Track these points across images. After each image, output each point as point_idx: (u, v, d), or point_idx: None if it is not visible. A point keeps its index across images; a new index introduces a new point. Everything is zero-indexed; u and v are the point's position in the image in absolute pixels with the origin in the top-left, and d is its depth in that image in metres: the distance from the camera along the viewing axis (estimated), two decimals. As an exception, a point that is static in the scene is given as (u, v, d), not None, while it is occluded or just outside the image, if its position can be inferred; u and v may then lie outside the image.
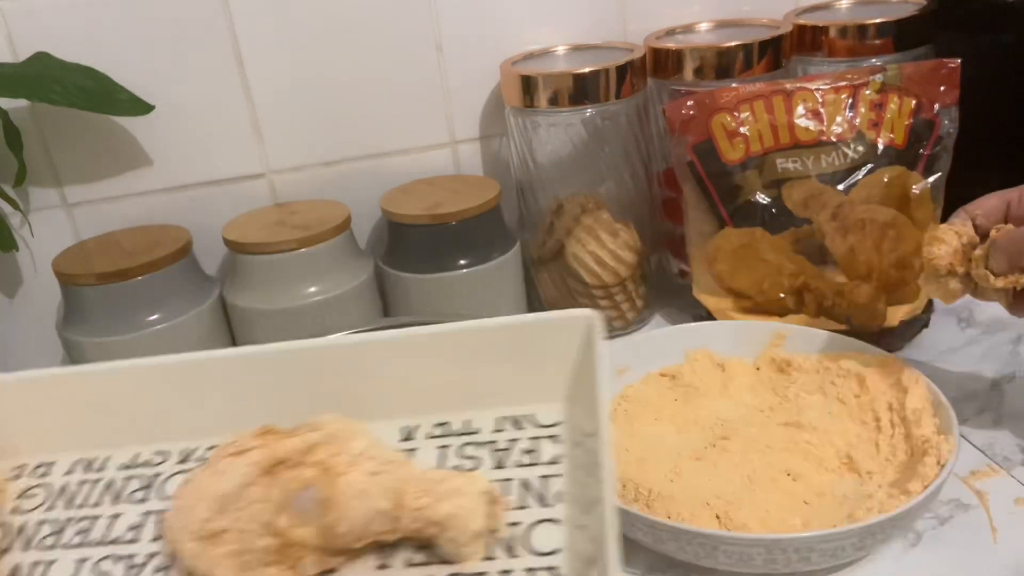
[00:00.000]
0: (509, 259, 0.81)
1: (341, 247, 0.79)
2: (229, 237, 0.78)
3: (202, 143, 0.82)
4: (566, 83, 0.76)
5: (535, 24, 0.86)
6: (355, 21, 0.82)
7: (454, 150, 0.89)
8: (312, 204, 0.84)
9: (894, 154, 0.73)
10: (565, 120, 0.79)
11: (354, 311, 0.79)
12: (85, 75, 0.74)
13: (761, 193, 0.74)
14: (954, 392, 0.68)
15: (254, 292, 0.77)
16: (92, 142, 0.80)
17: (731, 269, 0.76)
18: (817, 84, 0.74)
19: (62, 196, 0.82)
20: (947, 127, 0.73)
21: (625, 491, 0.58)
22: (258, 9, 0.80)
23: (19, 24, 0.76)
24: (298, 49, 0.82)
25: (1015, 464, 0.62)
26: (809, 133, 0.74)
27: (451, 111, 0.87)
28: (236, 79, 0.81)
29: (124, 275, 0.73)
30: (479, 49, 0.85)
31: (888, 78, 0.73)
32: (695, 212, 0.77)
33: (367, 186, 0.86)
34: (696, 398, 0.69)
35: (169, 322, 0.75)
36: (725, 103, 0.74)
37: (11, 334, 0.85)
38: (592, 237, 0.81)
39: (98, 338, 0.74)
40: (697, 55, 0.78)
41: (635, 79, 0.79)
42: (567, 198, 0.82)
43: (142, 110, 0.75)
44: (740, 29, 0.84)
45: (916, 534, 0.57)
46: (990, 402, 0.69)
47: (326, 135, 0.85)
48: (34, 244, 0.82)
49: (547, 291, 0.86)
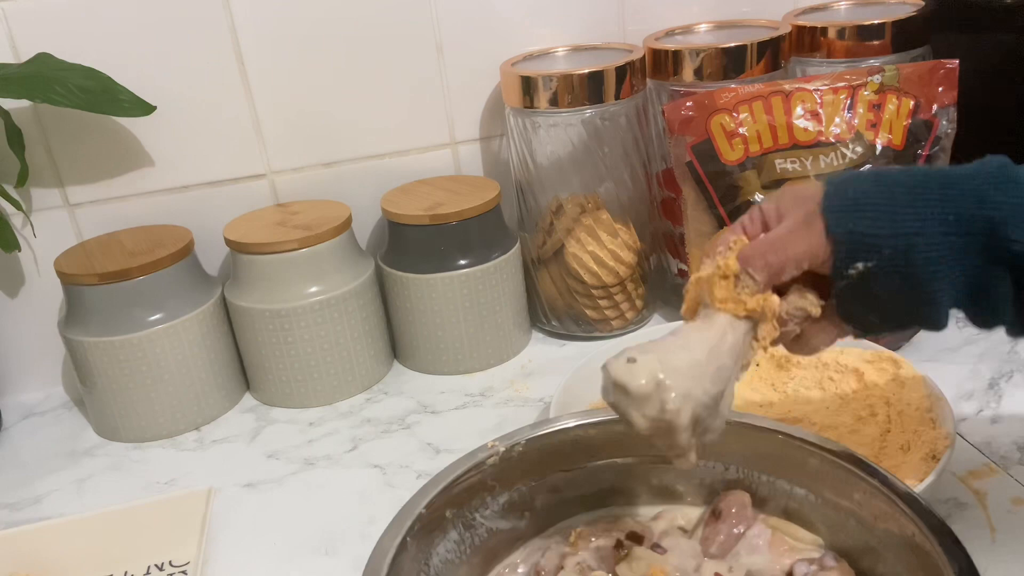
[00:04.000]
0: (509, 259, 0.82)
1: (342, 247, 0.79)
2: (230, 237, 0.78)
3: (203, 144, 0.83)
4: (566, 84, 0.77)
5: (535, 25, 0.86)
6: (356, 22, 0.82)
7: (454, 150, 0.89)
8: (313, 204, 0.84)
9: (892, 154, 0.73)
10: (565, 120, 0.79)
11: (355, 311, 0.79)
12: (87, 76, 0.74)
13: (760, 193, 0.74)
14: (952, 391, 0.68)
15: (255, 292, 0.78)
16: (94, 143, 0.81)
17: (730, 269, 0.76)
18: (816, 85, 0.74)
19: (64, 196, 0.82)
20: (945, 127, 0.73)
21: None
22: (259, 10, 0.80)
23: (21, 25, 0.76)
24: (299, 50, 0.82)
25: (1013, 463, 0.62)
26: (808, 134, 0.74)
27: (451, 111, 0.87)
28: (237, 80, 0.82)
29: (126, 275, 0.74)
30: (479, 49, 0.85)
31: (886, 79, 0.74)
32: (694, 212, 0.77)
33: (367, 186, 0.86)
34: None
35: (170, 322, 0.75)
36: (724, 104, 0.74)
37: (13, 334, 0.85)
38: (592, 237, 0.81)
39: (100, 337, 0.74)
40: (696, 56, 0.79)
41: (634, 80, 0.79)
42: (567, 198, 0.83)
43: (144, 111, 0.75)
44: (739, 30, 0.85)
45: (914, 532, 0.57)
46: (988, 401, 0.70)
47: (327, 136, 0.85)
48: (36, 244, 0.82)
49: (547, 291, 0.86)
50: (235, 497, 0.69)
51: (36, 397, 0.87)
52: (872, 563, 0.44)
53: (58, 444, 0.80)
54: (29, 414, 0.85)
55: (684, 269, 0.84)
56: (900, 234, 0.42)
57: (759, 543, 0.48)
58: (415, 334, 0.83)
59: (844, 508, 0.45)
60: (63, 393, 0.87)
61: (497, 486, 0.51)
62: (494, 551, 0.51)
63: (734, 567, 0.47)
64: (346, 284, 0.78)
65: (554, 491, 0.53)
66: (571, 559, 0.48)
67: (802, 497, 0.48)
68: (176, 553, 0.63)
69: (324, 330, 0.78)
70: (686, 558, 0.47)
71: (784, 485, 0.48)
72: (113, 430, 0.79)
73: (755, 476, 0.50)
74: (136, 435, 0.78)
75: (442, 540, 0.48)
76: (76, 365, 0.77)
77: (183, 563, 0.62)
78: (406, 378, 0.84)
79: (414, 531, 0.46)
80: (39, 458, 0.78)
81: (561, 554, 0.49)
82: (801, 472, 0.47)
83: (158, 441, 0.78)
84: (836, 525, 0.47)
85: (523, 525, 0.52)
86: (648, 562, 0.46)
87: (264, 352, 0.79)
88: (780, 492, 0.49)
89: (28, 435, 0.82)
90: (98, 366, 0.75)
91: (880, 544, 0.44)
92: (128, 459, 0.76)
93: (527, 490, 0.52)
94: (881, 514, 0.43)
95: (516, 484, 0.52)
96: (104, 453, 0.78)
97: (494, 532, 0.51)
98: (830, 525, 0.47)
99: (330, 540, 0.63)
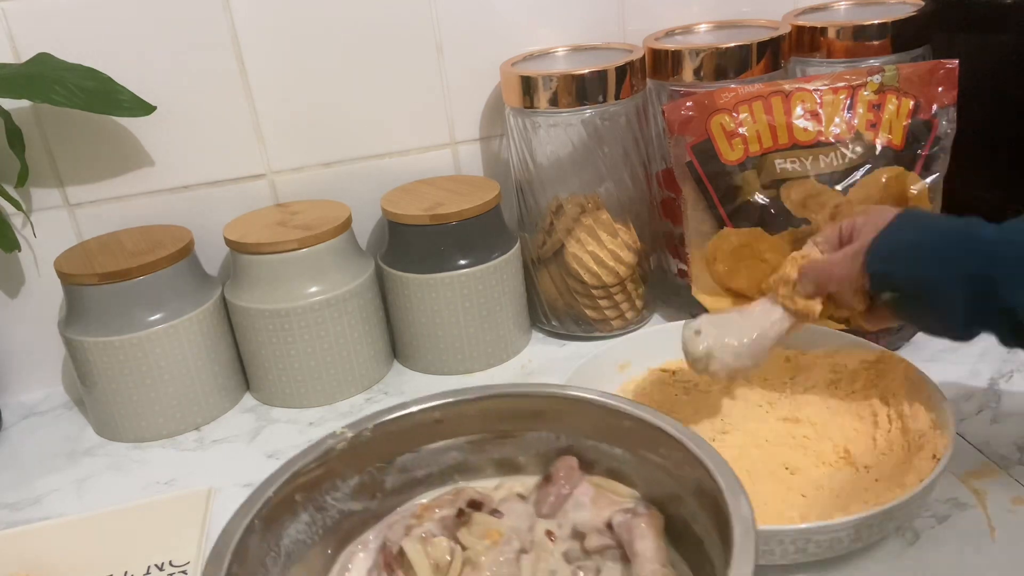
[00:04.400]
0: (509, 259, 0.82)
1: (342, 247, 0.79)
2: (230, 237, 0.78)
3: (203, 144, 0.83)
4: (566, 84, 0.77)
5: (535, 25, 0.86)
6: (356, 22, 0.82)
7: (454, 150, 0.89)
8: (313, 204, 0.84)
9: (892, 154, 0.73)
10: (565, 120, 0.79)
11: (355, 311, 0.79)
12: (87, 76, 0.74)
13: (760, 193, 0.74)
14: (952, 391, 0.68)
15: (255, 292, 0.78)
16: (94, 143, 0.81)
17: (730, 269, 0.76)
18: (815, 85, 0.74)
19: (64, 196, 0.82)
20: (945, 127, 0.73)
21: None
22: (259, 11, 0.80)
23: (21, 25, 0.76)
24: (299, 50, 0.82)
25: (1012, 463, 0.62)
26: (807, 134, 0.74)
27: (451, 111, 0.87)
28: (237, 80, 0.82)
29: (126, 275, 0.74)
30: (479, 50, 0.85)
31: (886, 79, 0.74)
32: (694, 212, 0.77)
33: (367, 186, 0.86)
34: (696, 393, 0.70)
35: (170, 322, 0.75)
36: (724, 104, 0.74)
37: (13, 334, 0.85)
38: (591, 237, 0.81)
39: (100, 337, 0.74)
40: (696, 56, 0.79)
41: (634, 80, 0.79)
42: (567, 198, 0.83)
43: (144, 111, 0.75)
44: (739, 30, 0.85)
45: (914, 533, 0.57)
46: (988, 401, 0.70)
47: (326, 135, 0.85)
48: (36, 244, 0.82)
49: (547, 291, 0.86)
50: (235, 497, 0.69)
51: (36, 397, 0.87)
52: (677, 508, 0.50)
53: (58, 444, 0.80)
54: (29, 414, 0.85)
55: (684, 269, 0.84)
56: (920, 277, 0.54)
57: (584, 500, 0.53)
58: (415, 334, 0.83)
59: (654, 462, 0.52)
60: (63, 393, 0.87)
61: (347, 470, 0.54)
62: (348, 531, 0.54)
63: (563, 523, 0.52)
64: (346, 284, 0.78)
65: (403, 471, 0.56)
66: (416, 530, 0.51)
67: (621, 456, 0.54)
68: (176, 553, 0.63)
69: (324, 330, 0.78)
70: (521, 519, 0.53)
71: (606, 447, 0.54)
72: (113, 430, 0.79)
73: (582, 442, 0.55)
74: (136, 435, 0.78)
75: (292, 522, 0.51)
76: (76, 365, 0.77)
77: (183, 563, 0.62)
78: (406, 378, 0.84)
79: (262, 515, 0.48)
80: (39, 458, 0.78)
81: (407, 526, 0.52)
82: (618, 435, 0.53)
83: (158, 441, 0.78)
84: (649, 478, 0.53)
85: (375, 506, 0.55)
86: (486, 526, 0.52)
87: (264, 352, 0.79)
88: (603, 454, 0.55)
89: (28, 435, 0.82)
90: (98, 366, 0.75)
91: (683, 490, 0.50)
92: (128, 459, 0.76)
93: (376, 472, 0.55)
94: (680, 463, 0.49)
95: (366, 467, 0.55)
96: (104, 453, 0.78)
97: (347, 513, 0.54)
98: (644, 479, 0.53)
99: (330, 540, 0.63)
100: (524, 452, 0.57)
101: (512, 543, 0.51)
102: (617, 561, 0.50)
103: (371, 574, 0.51)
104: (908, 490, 0.53)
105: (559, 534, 0.52)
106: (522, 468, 0.57)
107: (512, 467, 0.57)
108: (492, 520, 0.52)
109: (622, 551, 0.50)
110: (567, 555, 0.51)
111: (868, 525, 0.52)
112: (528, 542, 0.51)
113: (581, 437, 0.55)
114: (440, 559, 0.50)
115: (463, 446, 0.57)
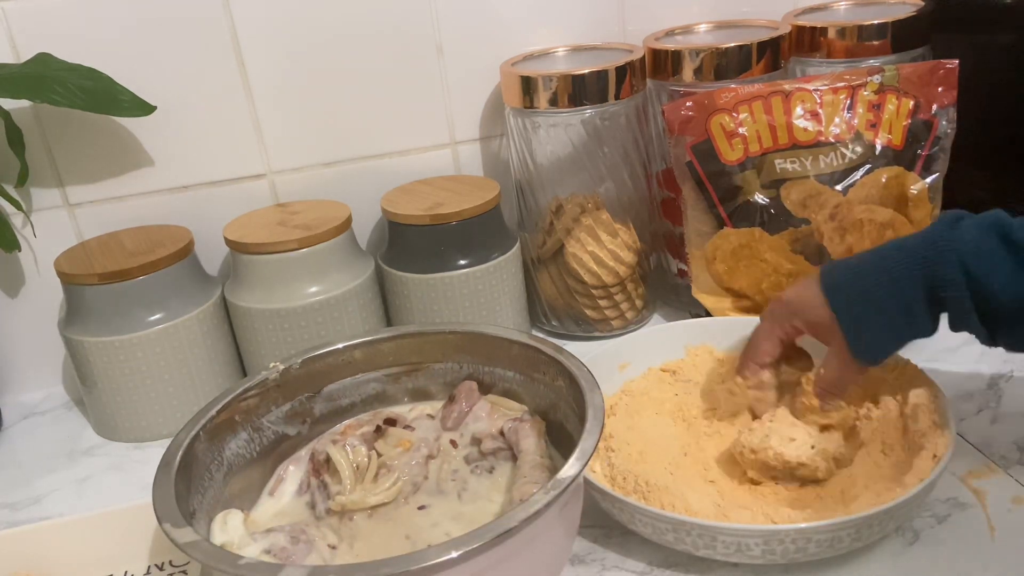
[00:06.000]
0: (509, 259, 0.82)
1: (342, 247, 0.79)
2: (230, 237, 0.78)
3: (203, 144, 0.83)
4: (566, 84, 0.77)
5: (535, 25, 0.86)
6: (355, 22, 0.82)
7: (454, 150, 0.89)
8: (313, 204, 0.84)
9: (892, 154, 0.73)
10: (565, 120, 0.79)
11: (355, 311, 0.79)
12: (87, 76, 0.74)
13: (760, 193, 0.74)
14: (952, 391, 0.68)
15: (255, 292, 0.78)
16: (94, 143, 0.81)
17: (730, 269, 0.76)
18: (815, 85, 0.74)
19: (64, 196, 0.82)
20: (945, 127, 0.73)
21: (625, 483, 0.59)
22: (259, 10, 0.80)
23: (21, 25, 0.76)
24: (299, 50, 0.82)
25: (1012, 463, 0.63)
26: (807, 134, 0.74)
27: (451, 111, 0.87)
28: (237, 80, 0.82)
29: (126, 275, 0.74)
30: (479, 50, 0.85)
31: (886, 79, 0.74)
32: (694, 212, 0.77)
33: (367, 186, 0.86)
34: (697, 393, 0.70)
35: (170, 321, 0.75)
36: (724, 104, 0.74)
37: (13, 334, 0.85)
38: (591, 237, 0.81)
39: (100, 337, 0.74)
40: (696, 56, 0.79)
41: (634, 80, 0.79)
42: (567, 198, 0.83)
43: (144, 111, 0.75)
44: (739, 30, 0.85)
45: (914, 532, 0.57)
46: (987, 401, 0.70)
47: (327, 135, 0.85)
48: (36, 244, 0.83)
49: (547, 291, 0.86)
50: (235, 497, 0.69)
51: (36, 397, 0.87)
52: (556, 414, 0.62)
53: (58, 444, 0.80)
54: (29, 414, 0.85)
55: (684, 269, 0.84)
56: (867, 272, 0.58)
57: (481, 415, 0.64)
58: (415, 334, 0.83)
59: (537, 379, 0.63)
60: (63, 393, 0.87)
61: (280, 397, 0.64)
62: (283, 452, 0.64)
63: (464, 433, 0.63)
64: (346, 284, 0.78)
65: (329, 400, 0.66)
66: (340, 442, 0.61)
67: (511, 377, 0.65)
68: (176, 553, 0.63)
69: (324, 330, 0.78)
70: (429, 432, 0.63)
71: (500, 371, 0.66)
72: (113, 430, 0.79)
73: (481, 368, 0.67)
74: (136, 435, 0.78)
75: (233, 438, 0.61)
76: (76, 365, 0.77)
77: (183, 563, 0.62)
78: (406, 378, 0.84)
79: (206, 429, 0.58)
80: (39, 458, 0.78)
81: (333, 440, 0.62)
82: (509, 360, 0.65)
83: (158, 441, 0.78)
84: (534, 393, 0.64)
85: (306, 430, 0.66)
86: (399, 437, 0.62)
87: (264, 352, 0.79)
88: (498, 377, 0.66)
89: (28, 435, 0.82)
90: (98, 366, 0.76)
91: (558, 398, 0.61)
92: (128, 459, 0.76)
93: (306, 400, 0.65)
94: (555, 375, 0.60)
95: (296, 395, 0.65)
96: (104, 453, 0.78)
97: (281, 436, 0.64)
98: (531, 394, 0.64)
99: (330, 540, 0.63)
100: (434, 382, 0.68)
101: (421, 450, 0.61)
102: (508, 460, 0.61)
103: (302, 483, 0.62)
104: (908, 490, 0.53)
105: (461, 442, 0.63)
106: (433, 396, 0.68)
107: (424, 395, 0.68)
108: (404, 432, 0.63)
109: (511, 452, 0.60)
110: (467, 458, 0.61)
111: (868, 525, 0.52)
112: (435, 449, 0.62)
113: (479, 365, 0.66)
114: (360, 463, 0.60)
115: (381, 378, 0.68)
